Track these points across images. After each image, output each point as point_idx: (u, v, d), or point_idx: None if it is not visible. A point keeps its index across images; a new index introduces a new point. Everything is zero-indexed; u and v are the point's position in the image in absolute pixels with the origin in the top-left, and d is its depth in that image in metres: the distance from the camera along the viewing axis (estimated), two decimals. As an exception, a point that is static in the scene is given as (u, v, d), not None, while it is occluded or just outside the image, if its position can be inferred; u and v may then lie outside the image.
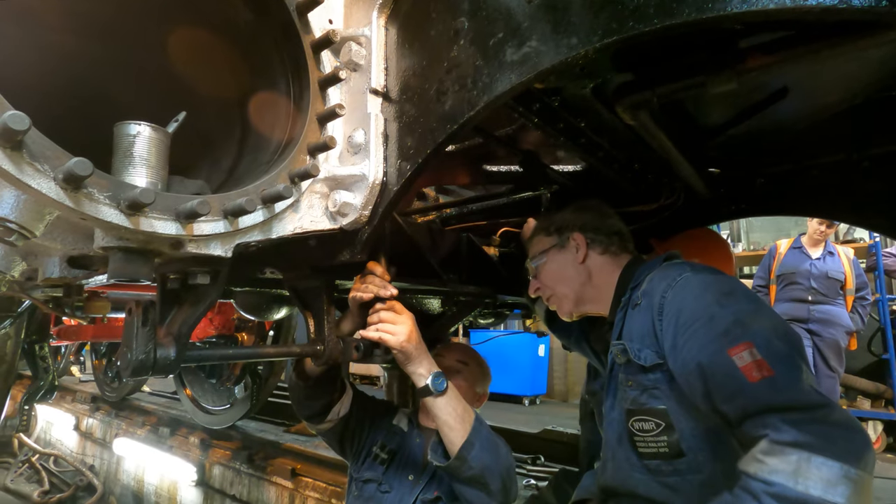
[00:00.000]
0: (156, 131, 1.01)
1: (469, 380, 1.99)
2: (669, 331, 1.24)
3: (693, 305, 1.23)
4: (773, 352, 1.09)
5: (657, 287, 1.33)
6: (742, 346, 1.10)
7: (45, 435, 8.70)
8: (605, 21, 0.87)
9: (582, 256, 1.60)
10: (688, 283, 1.28)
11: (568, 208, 1.72)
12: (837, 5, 0.67)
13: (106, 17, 1.16)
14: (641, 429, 1.32)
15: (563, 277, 1.62)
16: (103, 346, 7.22)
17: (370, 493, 1.88)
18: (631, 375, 1.35)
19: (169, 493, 5.96)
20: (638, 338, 1.34)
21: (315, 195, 1.25)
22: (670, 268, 1.39)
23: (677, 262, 1.45)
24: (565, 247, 1.63)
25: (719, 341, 1.14)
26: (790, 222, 9.79)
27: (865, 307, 5.38)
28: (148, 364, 1.04)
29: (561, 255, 1.63)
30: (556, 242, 1.65)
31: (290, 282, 1.62)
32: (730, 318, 1.16)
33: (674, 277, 1.31)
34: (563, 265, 1.62)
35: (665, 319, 1.27)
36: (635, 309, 1.39)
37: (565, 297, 1.62)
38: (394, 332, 1.47)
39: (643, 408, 1.31)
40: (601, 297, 1.57)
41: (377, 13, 1.25)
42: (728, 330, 1.14)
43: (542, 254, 1.66)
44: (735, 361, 1.09)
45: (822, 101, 1.58)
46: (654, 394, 1.30)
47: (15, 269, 1.11)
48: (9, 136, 0.72)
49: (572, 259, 1.61)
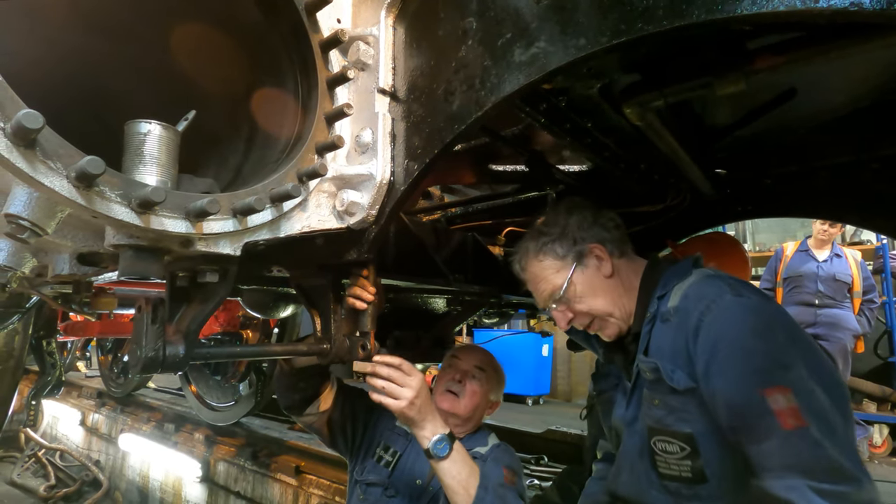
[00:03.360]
0: (166, 130, 1.02)
1: (485, 386, 1.95)
2: (704, 357, 1.16)
3: (732, 334, 1.14)
4: (811, 402, 1.01)
5: (693, 307, 1.22)
6: (778, 389, 1.03)
7: (51, 430, 8.77)
8: (614, 22, 0.87)
9: (609, 269, 1.43)
10: (728, 309, 1.17)
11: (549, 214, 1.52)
12: (849, 7, 0.67)
13: (115, 14, 1.17)
14: (664, 449, 1.25)
15: (601, 297, 1.42)
16: (109, 343, 7.26)
17: (375, 497, 1.85)
18: (659, 395, 1.27)
19: (174, 488, 6.00)
20: (670, 356, 1.25)
21: (323, 194, 1.26)
22: (706, 284, 1.27)
23: (712, 276, 1.31)
24: (585, 265, 1.43)
25: (755, 378, 1.07)
26: (796, 224, 9.74)
27: (873, 310, 5.35)
28: (157, 361, 1.05)
29: (585, 276, 1.43)
30: (575, 264, 1.43)
31: (296, 280, 1.63)
32: (770, 356, 1.08)
33: (712, 299, 1.20)
34: (594, 285, 1.42)
35: (700, 344, 1.18)
36: (665, 324, 1.29)
37: (613, 313, 1.43)
38: (397, 396, 1.48)
39: (668, 429, 1.25)
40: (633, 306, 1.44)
41: (385, 12, 1.25)
42: (766, 368, 1.07)
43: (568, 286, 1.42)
44: (769, 403, 1.03)
45: (830, 103, 1.57)
46: (681, 416, 1.22)
47: (26, 265, 1.12)
48: (23, 134, 0.73)
49: (598, 276, 1.43)
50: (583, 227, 1.46)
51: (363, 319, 1.51)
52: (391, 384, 1.49)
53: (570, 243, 1.44)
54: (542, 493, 3.60)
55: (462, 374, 1.94)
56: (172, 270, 1.12)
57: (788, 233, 9.87)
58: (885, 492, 4.32)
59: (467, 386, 1.91)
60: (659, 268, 1.44)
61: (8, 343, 3.95)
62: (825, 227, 5.26)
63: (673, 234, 2.41)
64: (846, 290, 5.20)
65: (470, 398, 1.90)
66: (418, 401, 1.48)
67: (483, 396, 1.94)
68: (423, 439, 1.52)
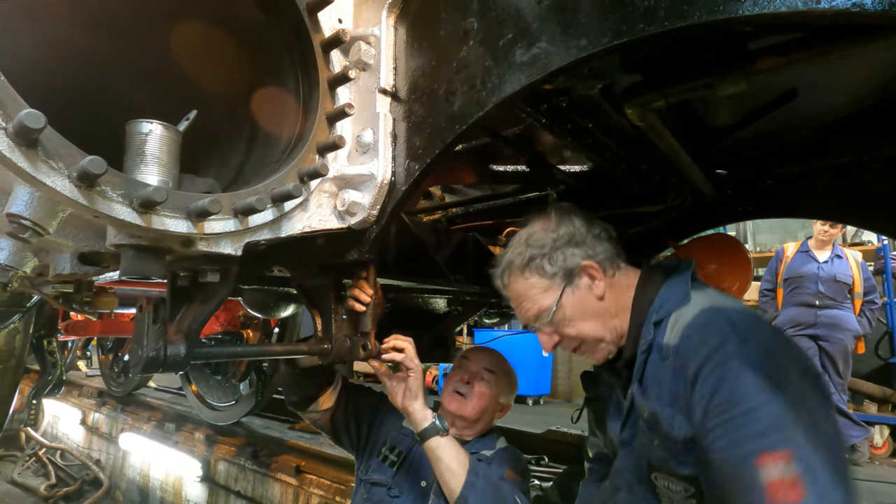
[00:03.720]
0: (167, 129, 1.02)
1: (493, 388, 1.92)
2: (700, 407, 1.07)
3: (730, 388, 1.03)
4: (814, 472, 0.91)
5: (694, 352, 1.10)
6: (778, 454, 0.93)
7: (51, 429, 8.77)
8: (616, 22, 0.87)
9: (602, 290, 1.29)
10: (729, 362, 1.05)
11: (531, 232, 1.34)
12: (850, 8, 0.67)
13: (117, 14, 1.17)
14: (667, 486, 1.19)
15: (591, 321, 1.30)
16: (110, 342, 7.27)
17: (379, 497, 1.84)
18: (659, 437, 1.18)
19: (174, 488, 6.00)
20: (669, 399, 1.16)
21: (324, 194, 1.26)
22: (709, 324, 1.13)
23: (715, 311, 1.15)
24: (576, 285, 1.29)
25: (753, 443, 0.97)
26: (797, 224, 9.74)
27: (873, 311, 5.34)
28: (158, 360, 1.05)
29: (575, 297, 1.29)
30: (565, 283, 1.28)
31: (297, 280, 1.63)
32: (771, 416, 0.97)
33: (714, 347, 1.07)
34: (584, 308, 1.29)
35: (697, 397, 1.08)
36: (664, 362, 1.17)
37: (602, 338, 1.31)
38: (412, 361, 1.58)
39: (671, 470, 1.17)
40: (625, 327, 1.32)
41: (386, 13, 1.25)
42: (765, 431, 0.96)
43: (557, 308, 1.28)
44: (761, 475, 0.94)
45: (831, 103, 1.57)
46: (684, 461, 1.14)
47: (27, 264, 1.12)
48: (25, 134, 0.74)
49: (590, 297, 1.29)
50: (574, 241, 1.30)
51: (363, 320, 1.52)
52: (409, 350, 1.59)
53: (560, 260, 1.28)
54: (543, 494, 3.60)
55: (471, 376, 1.92)
56: (174, 270, 1.12)
57: (789, 233, 9.86)
58: (885, 493, 4.31)
59: (475, 388, 1.89)
60: (652, 284, 1.30)
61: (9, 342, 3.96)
62: (826, 228, 5.26)
63: (674, 235, 2.41)
64: (847, 291, 5.20)
65: (477, 400, 1.87)
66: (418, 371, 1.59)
67: (492, 399, 1.91)
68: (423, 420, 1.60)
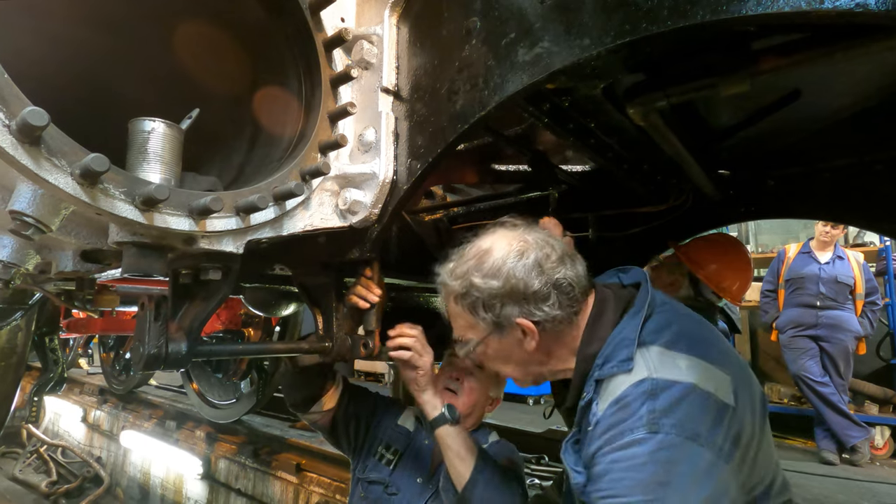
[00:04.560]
0: (170, 128, 1.02)
1: (483, 383, 1.93)
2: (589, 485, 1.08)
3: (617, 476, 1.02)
4: None
5: (603, 430, 1.08)
6: None
7: (53, 426, 8.79)
8: (619, 22, 0.87)
9: (533, 345, 1.21)
10: (628, 447, 1.02)
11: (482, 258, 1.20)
12: (854, 9, 0.67)
13: (120, 14, 1.18)
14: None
15: (513, 362, 1.28)
16: (111, 340, 7.29)
17: (377, 495, 1.85)
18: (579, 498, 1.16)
19: (175, 485, 6.01)
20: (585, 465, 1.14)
21: (325, 193, 1.26)
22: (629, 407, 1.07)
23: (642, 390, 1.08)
24: (505, 335, 1.22)
25: None
26: (799, 225, 9.72)
27: (875, 312, 5.34)
28: (160, 358, 1.05)
29: (502, 343, 1.24)
30: (492, 331, 1.22)
31: (299, 278, 1.63)
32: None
33: (621, 431, 1.04)
34: (510, 351, 1.25)
35: (593, 468, 1.08)
36: (588, 431, 1.13)
37: (521, 379, 1.32)
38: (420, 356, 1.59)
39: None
40: (563, 369, 1.29)
41: (389, 12, 1.25)
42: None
43: (477, 344, 1.25)
44: None
45: (834, 104, 1.56)
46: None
47: (29, 262, 1.12)
48: (28, 131, 0.74)
49: (518, 348, 1.23)
50: (517, 296, 1.17)
51: (368, 318, 1.52)
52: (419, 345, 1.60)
53: (495, 310, 1.19)
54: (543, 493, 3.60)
55: (459, 372, 1.94)
56: (175, 268, 1.13)
57: (791, 234, 9.85)
58: (886, 493, 4.31)
59: (465, 384, 1.91)
60: (600, 330, 1.22)
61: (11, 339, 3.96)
62: (827, 229, 5.25)
63: (675, 235, 2.41)
64: (848, 292, 5.19)
65: (468, 395, 1.90)
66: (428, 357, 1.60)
67: (482, 393, 1.94)
68: (433, 409, 1.62)
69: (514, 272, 1.16)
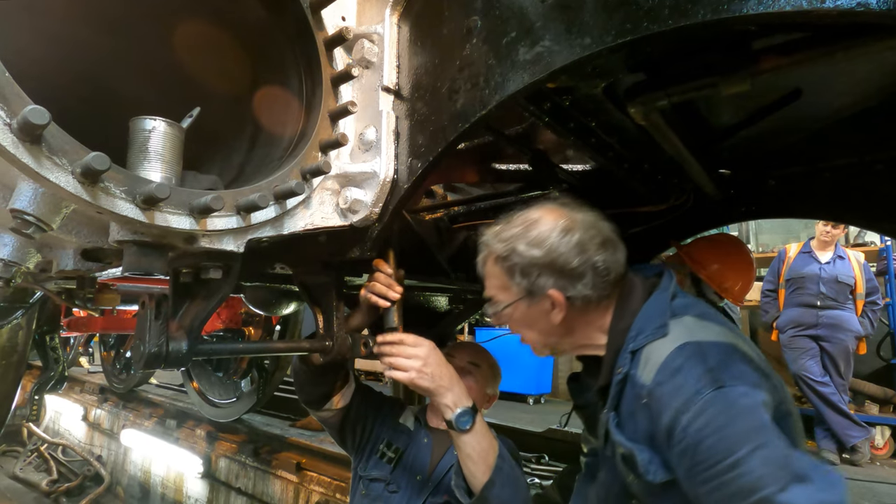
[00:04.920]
0: (171, 126, 1.02)
1: (480, 381, 1.97)
2: (685, 462, 1.04)
3: (712, 441, 1.00)
4: None
5: (669, 400, 1.06)
6: None
7: (53, 425, 8.81)
8: (619, 21, 0.87)
9: (560, 318, 1.25)
10: (706, 409, 1.01)
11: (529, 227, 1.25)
12: (855, 8, 0.67)
13: (119, 12, 1.18)
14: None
15: (535, 331, 1.33)
16: (112, 338, 7.29)
17: (377, 493, 1.87)
18: (634, 475, 1.16)
19: (175, 484, 6.02)
20: (645, 440, 1.13)
21: (326, 192, 1.26)
22: (683, 369, 1.08)
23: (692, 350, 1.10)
24: (536, 302, 1.26)
25: (745, 499, 0.94)
26: (799, 225, 9.70)
27: (875, 311, 5.33)
28: (160, 356, 1.05)
29: (530, 310, 1.27)
30: (524, 297, 1.26)
31: (299, 277, 1.63)
32: (758, 470, 0.95)
33: (689, 396, 1.04)
34: (534, 320, 1.29)
35: (678, 447, 1.04)
36: (638, 400, 1.14)
37: (538, 347, 1.36)
38: (404, 369, 1.45)
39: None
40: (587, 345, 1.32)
41: (390, 11, 1.25)
42: (755, 486, 0.94)
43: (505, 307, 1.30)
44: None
45: (835, 103, 1.56)
46: (661, 500, 1.13)
47: (30, 260, 1.12)
48: (29, 129, 0.74)
49: (546, 317, 1.27)
50: (555, 268, 1.22)
51: (389, 315, 1.51)
52: (397, 358, 1.47)
53: (531, 277, 1.23)
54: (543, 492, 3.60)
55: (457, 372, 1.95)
56: (176, 267, 1.13)
57: (791, 234, 9.83)
58: (886, 493, 4.31)
59: (464, 383, 1.93)
60: (630, 307, 1.26)
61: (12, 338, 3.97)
62: (828, 229, 5.25)
63: (676, 235, 2.41)
64: (849, 292, 5.19)
65: None
66: (429, 370, 1.46)
67: (479, 391, 1.96)
68: (446, 409, 1.50)
69: (556, 246, 1.21)
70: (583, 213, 1.27)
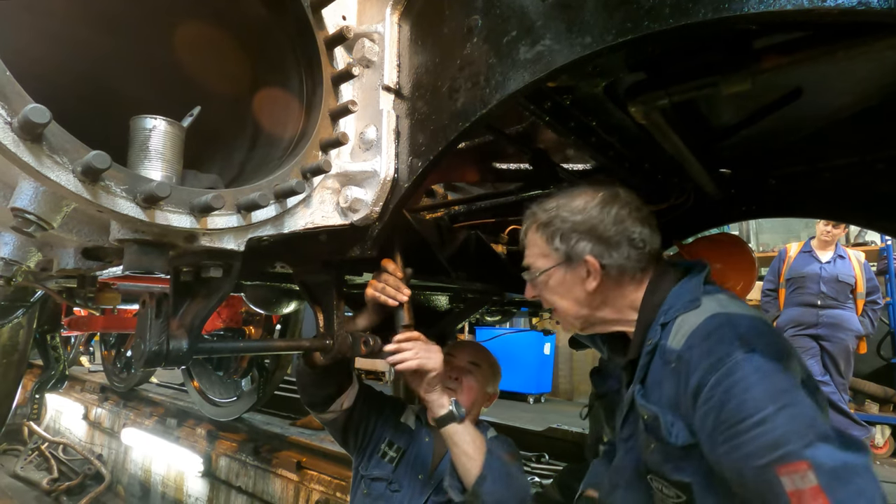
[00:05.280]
0: (171, 125, 1.02)
1: (480, 380, 1.98)
2: (709, 422, 1.06)
3: (740, 400, 1.02)
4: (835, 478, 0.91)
5: (699, 360, 1.09)
6: (795, 465, 0.93)
7: (54, 424, 8.81)
8: (620, 20, 0.87)
9: (594, 286, 1.29)
10: (737, 370, 1.04)
11: (577, 195, 1.34)
12: (856, 7, 0.67)
13: (120, 11, 1.18)
14: (661, 490, 1.19)
15: (569, 300, 1.35)
16: (112, 337, 7.30)
17: (379, 492, 1.88)
18: (656, 440, 1.18)
19: (176, 483, 6.03)
20: (669, 405, 1.16)
21: (326, 191, 1.26)
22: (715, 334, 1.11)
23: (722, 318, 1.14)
24: (573, 268, 1.31)
25: (768, 455, 0.96)
26: (800, 224, 9.71)
27: (876, 311, 5.34)
28: (161, 355, 1.06)
29: (567, 276, 1.32)
30: (562, 262, 1.31)
31: (300, 276, 1.63)
32: (784, 427, 0.96)
33: (719, 357, 1.06)
34: (570, 288, 1.33)
35: (702, 409, 1.07)
36: (667, 366, 1.17)
37: (570, 318, 1.38)
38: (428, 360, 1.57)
39: (665, 476, 1.17)
40: (617, 321, 1.36)
41: (390, 10, 1.25)
42: (780, 442, 0.95)
43: (543, 272, 1.35)
44: (783, 484, 0.93)
45: (836, 103, 1.56)
46: (679, 466, 1.14)
47: (31, 259, 1.12)
48: (29, 128, 0.74)
49: (581, 284, 1.31)
50: (594, 235, 1.28)
51: (399, 314, 1.55)
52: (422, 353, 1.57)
53: (570, 243, 1.29)
54: (543, 491, 3.61)
55: (457, 371, 1.96)
56: (177, 265, 1.13)
57: (792, 233, 9.84)
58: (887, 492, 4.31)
59: (463, 382, 1.94)
60: (663, 286, 1.30)
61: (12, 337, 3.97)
62: (829, 229, 5.25)
63: (677, 234, 2.40)
64: (849, 292, 5.19)
65: (467, 394, 1.93)
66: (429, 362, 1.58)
67: (480, 390, 1.97)
68: (440, 408, 1.61)
69: (595, 214, 1.29)
70: (623, 190, 1.35)
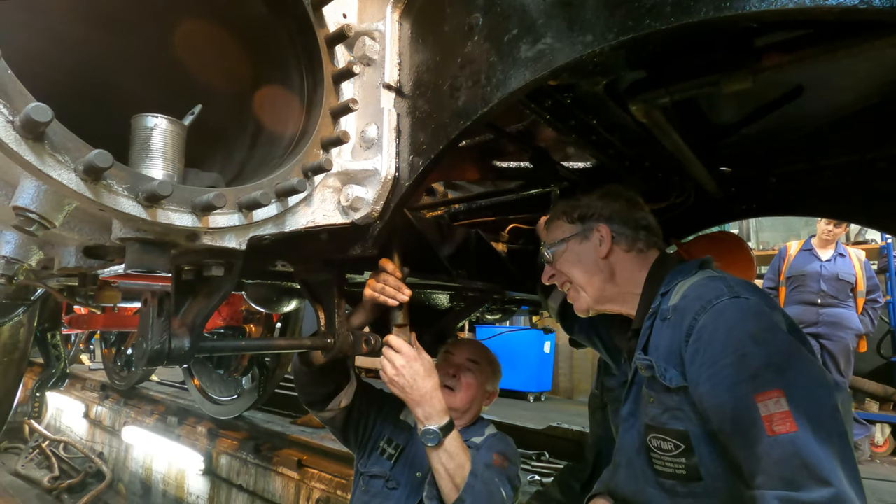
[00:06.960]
0: (172, 124, 1.02)
1: (479, 379, 1.98)
2: (696, 359, 1.16)
3: (725, 337, 1.13)
4: (805, 406, 1.00)
5: (690, 306, 1.22)
6: (771, 393, 1.02)
7: (55, 422, 8.83)
8: (621, 19, 0.87)
9: (605, 251, 1.47)
10: (724, 311, 1.16)
11: (594, 193, 1.57)
12: (858, 5, 0.67)
13: (120, 9, 1.17)
14: (659, 447, 1.25)
15: (583, 269, 1.49)
16: (113, 336, 7.31)
17: (377, 489, 1.88)
18: (654, 392, 1.27)
19: (176, 481, 6.04)
20: (665, 355, 1.25)
21: (328, 189, 1.26)
22: (706, 284, 1.26)
23: (715, 277, 1.29)
24: (588, 238, 1.50)
25: (748, 384, 1.05)
26: (800, 222, 9.71)
27: (876, 309, 5.34)
28: (163, 354, 1.06)
29: (582, 246, 1.50)
30: (578, 231, 1.51)
31: (301, 275, 1.63)
32: (763, 359, 1.07)
33: (709, 300, 1.19)
34: (584, 257, 1.49)
35: (693, 345, 1.17)
36: (664, 322, 1.28)
37: (584, 291, 1.50)
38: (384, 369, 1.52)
39: (663, 427, 1.24)
40: (624, 297, 1.48)
41: (391, 8, 1.25)
42: (759, 372, 1.06)
43: (562, 242, 1.53)
44: (759, 409, 1.02)
45: (837, 101, 1.56)
46: (676, 415, 1.22)
47: (32, 257, 1.12)
48: (31, 127, 0.74)
49: (594, 252, 1.48)
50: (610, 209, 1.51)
51: (395, 313, 1.54)
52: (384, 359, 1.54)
53: (584, 211, 1.53)
54: (543, 490, 3.61)
55: (456, 369, 1.96)
56: (178, 264, 1.13)
57: (792, 232, 9.83)
58: (887, 491, 4.32)
59: (462, 380, 1.94)
60: (666, 265, 1.44)
61: (13, 335, 3.98)
62: (829, 227, 5.25)
63: (677, 233, 2.41)
64: (849, 290, 5.19)
65: (465, 391, 1.93)
66: (400, 379, 1.50)
67: (479, 388, 1.97)
68: (417, 422, 1.56)
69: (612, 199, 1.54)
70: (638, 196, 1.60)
